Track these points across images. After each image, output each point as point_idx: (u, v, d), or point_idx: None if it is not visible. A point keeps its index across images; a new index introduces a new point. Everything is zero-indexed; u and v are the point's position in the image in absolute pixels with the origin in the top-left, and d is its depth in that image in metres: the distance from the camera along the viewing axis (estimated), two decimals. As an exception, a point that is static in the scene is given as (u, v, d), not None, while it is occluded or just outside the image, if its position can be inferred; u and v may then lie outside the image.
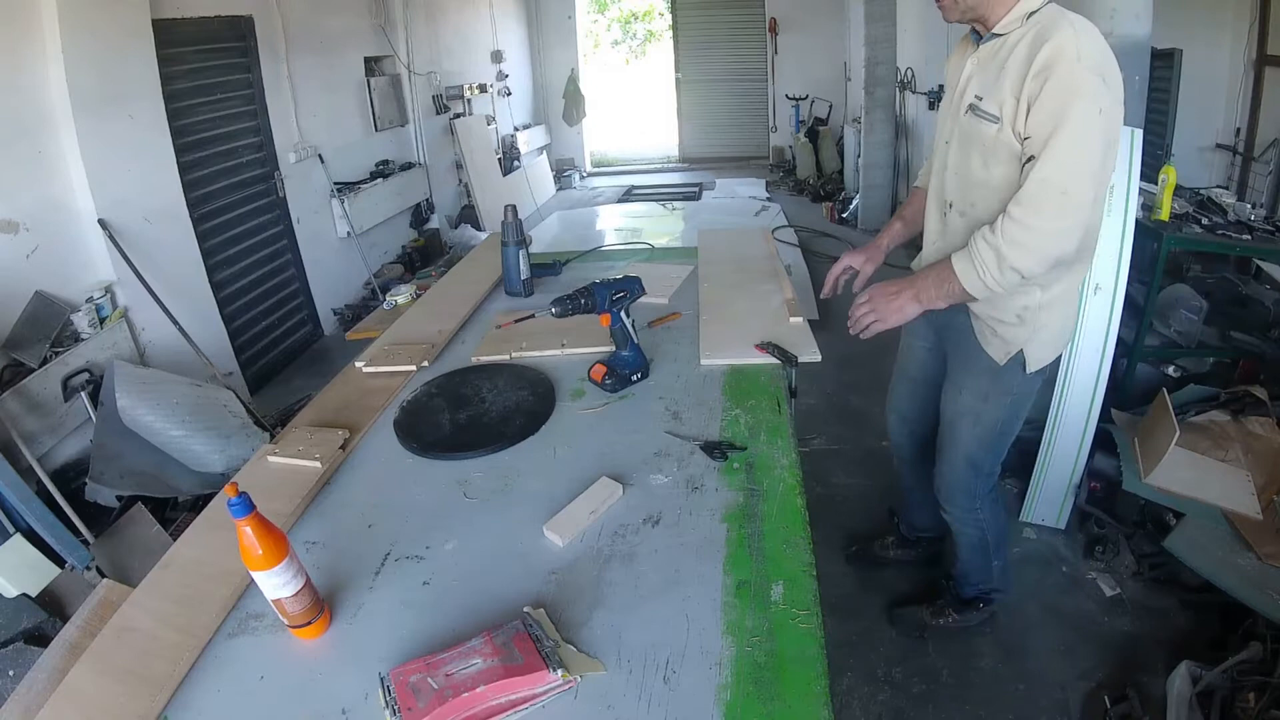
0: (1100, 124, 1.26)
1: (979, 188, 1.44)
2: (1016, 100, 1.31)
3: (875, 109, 5.62)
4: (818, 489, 2.62)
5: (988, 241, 1.32)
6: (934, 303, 1.44)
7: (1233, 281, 2.83)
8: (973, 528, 1.83)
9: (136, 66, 2.96)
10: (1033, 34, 1.30)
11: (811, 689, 0.82)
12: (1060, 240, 1.30)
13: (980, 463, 1.73)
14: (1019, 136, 1.33)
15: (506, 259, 2.05)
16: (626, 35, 14.43)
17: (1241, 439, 2.27)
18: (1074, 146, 1.26)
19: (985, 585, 1.95)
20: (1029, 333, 1.51)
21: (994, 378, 1.59)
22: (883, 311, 1.47)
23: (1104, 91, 1.26)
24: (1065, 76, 1.25)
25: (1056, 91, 1.25)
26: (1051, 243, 1.30)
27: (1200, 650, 1.80)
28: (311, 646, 0.94)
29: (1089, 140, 1.26)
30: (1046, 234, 1.28)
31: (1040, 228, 1.28)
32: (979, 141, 1.41)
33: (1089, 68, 1.25)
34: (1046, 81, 1.26)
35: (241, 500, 0.86)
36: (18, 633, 1.81)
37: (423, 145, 5.59)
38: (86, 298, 2.70)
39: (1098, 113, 1.25)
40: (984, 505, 1.80)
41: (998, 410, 1.63)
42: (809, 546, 1.03)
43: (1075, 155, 1.26)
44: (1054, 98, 1.26)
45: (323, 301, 4.42)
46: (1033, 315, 1.50)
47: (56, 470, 2.37)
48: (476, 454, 1.31)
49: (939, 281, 1.42)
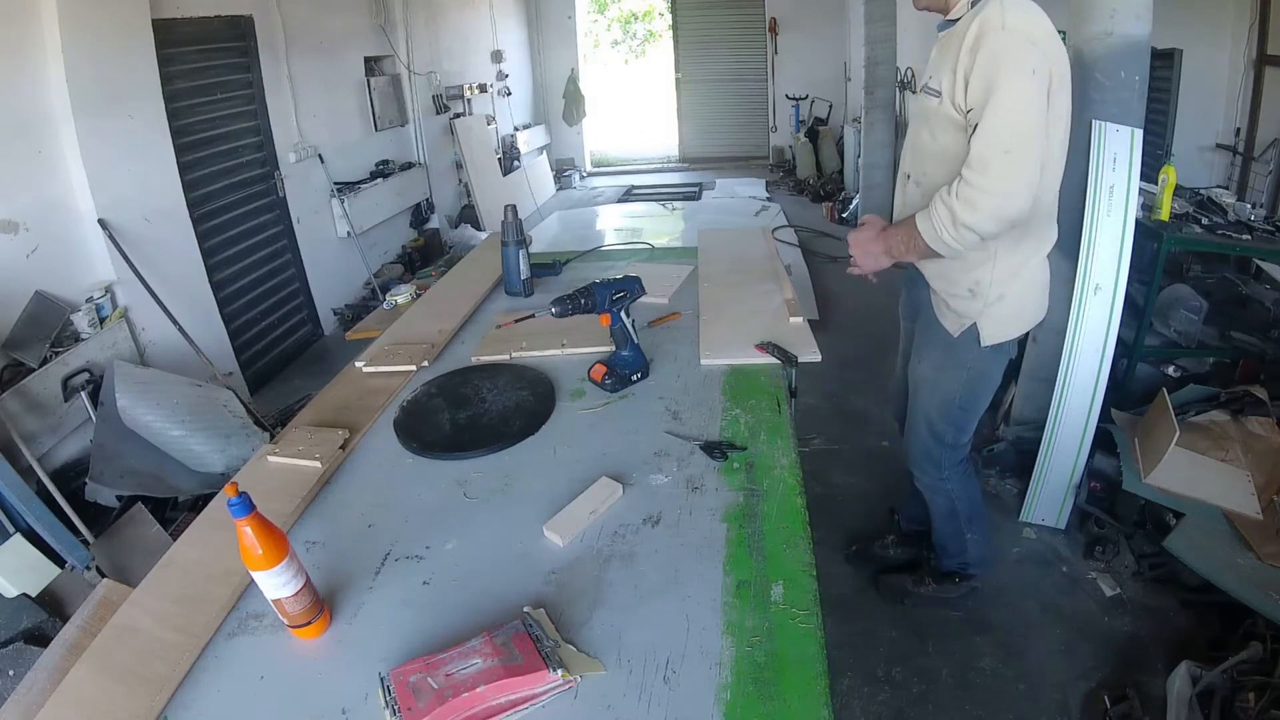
0: (1034, 83, 1.34)
1: (930, 158, 1.55)
2: (954, 74, 1.41)
3: (875, 109, 5.62)
4: (818, 489, 2.61)
5: (944, 201, 1.42)
6: (904, 256, 1.57)
7: (1233, 281, 2.83)
8: (941, 496, 1.90)
9: (136, 66, 2.96)
10: (973, 16, 1.40)
11: (811, 689, 0.82)
12: (1010, 200, 1.37)
13: (941, 433, 1.80)
14: (959, 109, 1.42)
15: (506, 259, 2.05)
16: (626, 35, 14.43)
17: (1241, 439, 2.27)
18: (1010, 108, 1.34)
19: (960, 558, 2.02)
20: (981, 306, 1.59)
21: (948, 350, 1.68)
22: (861, 259, 1.64)
23: (1034, 53, 1.34)
24: (993, 45, 1.34)
25: (987, 60, 1.34)
26: (1001, 201, 1.37)
27: (1200, 650, 1.80)
28: (311, 646, 0.94)
29: (1024, 99, 1.34)
30: (995, 193, 1.36)
31: (988, 187, 1.36)
32: (927, 116, 1.53)
33: (1017, 34, 1.33)
34: (979, 53, 1.35)
35: (241, 500, 0.85)
36: (18, 633, 1.82)
37: (423, 145, 5.59)
38: (86, 298, 2.71)
39: (1030, 73, 1.33)
40: (952, 477, 1.87)
41: (954, 383, 1.71)
42: (809, 546, 1.03)
43: (1013, 116, 1.34)
44: (985, 65, 1.35)
45: (323, 301, 4.42)
46: (984, 289, 1.57)
47: (56, 470, 2.37)
48: (476, 454, 1.31)
49: (906, 237, 1.53)
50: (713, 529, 1.08)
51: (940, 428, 1.79)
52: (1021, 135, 1.34)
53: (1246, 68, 3.64)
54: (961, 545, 1.99)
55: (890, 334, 2.13)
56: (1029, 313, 1.67)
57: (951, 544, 2.00)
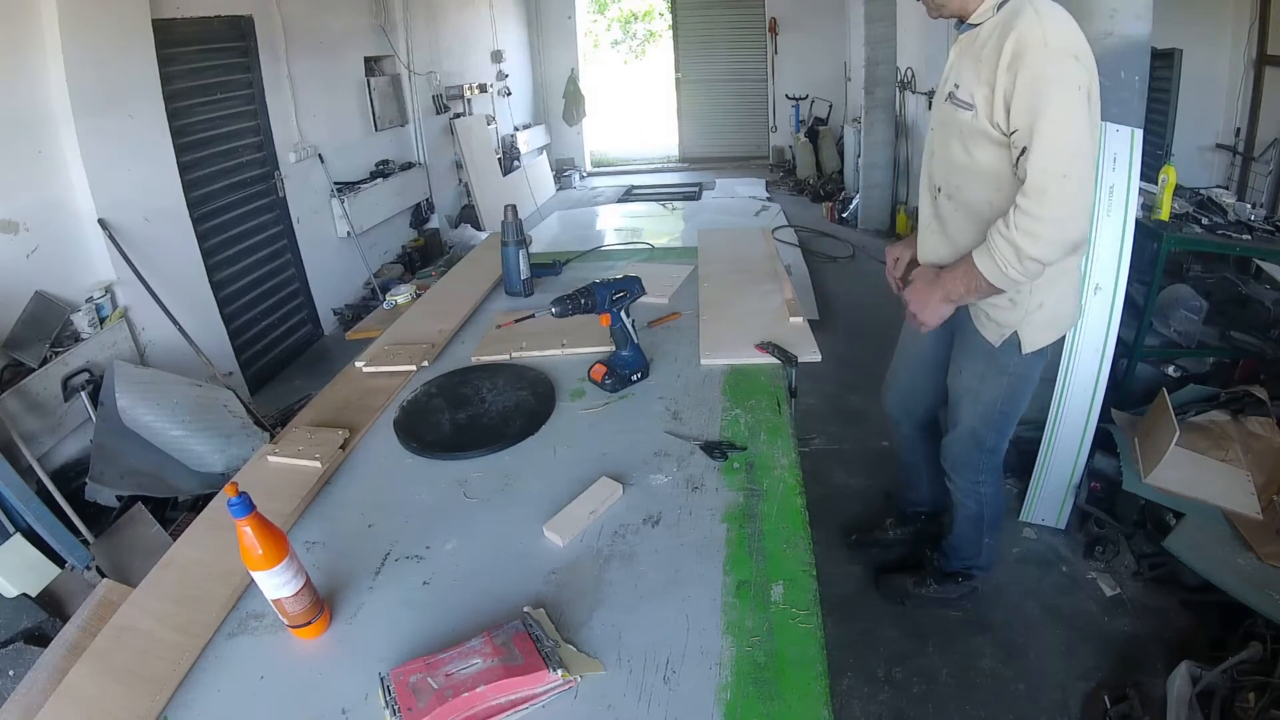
0: (1081, 101, 1.29)
1: (963, 172, 1.49)
2: (990, 90, 1.35)
3: (875, 109, 5.62)
4: (818, 489, 2.61)
5: (1004, 236, 1.35)
6: (965, 298, 1.52)
7: (1233, 281, 2.83)
8: (973, 500, 1.89)
9: (136, 66, 2.96)
10: (1002, 24, 1.34)
11: (811, 689, 0.82)
12: (1072, 225, 1.33)
13: (983, 438, 1.78)
14: (998, 127, 1.37)
15: (506, 259, 2.05)
16: (626, 35, 14.42)
17: (1241, 439, 2.27)
18: (1062, 130, 1.28)
19: (971, 560, 2.02)
20: (1021, 315, 1.56)
21: (990, 359, 1.65)
22: (923, 314, 1.58)
23: (1078, 70, 1.29)
24: (1036, 64, 1.27)
25: (1031, 80, 1.28)
26: (1064, 228, 1.32)
27: (1200, 650, 1.80)
28: (311, 646, 0.94)
29: (1074, 120, 1.29)
30: (1057, 220, 1.31)
31: (1050, 216, 1.30)
32: (957, 127, 1.46)
33: (1058, 50, 1.28)
34: (1019, 72, 1.29)
35: (241, 500, 0.85)
36: (18, 633, 1.82)
37: (423, 145, 5.59)
38: (86, 298, 2.70)
39: (1076, 90, 1.28)
40: (988, 481, 1.86)
41: (996, 390, 1.69)
42: (809, 546, 1.03)
43: (1065, 138, 1.29)
44: (1029, 86, 1.28)
45: (323, 301, 4.42)
46: (1025, 298, 1.54)
47: (56, 470, 2.37)
48: (476, 454, 1.31)
49: (965, 279, 1.47)
50: (713, 529, 1.08)
51: (983, 433, 1.77)
52: (1077, 158, 1.30)
53: (1246, 68, 3.65)
54: (977, 549, 1.99)
55: (890, 334, 2.14)
56: (1067, 316, 1.66)
57: (966, 547, 1.99)
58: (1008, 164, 1.40)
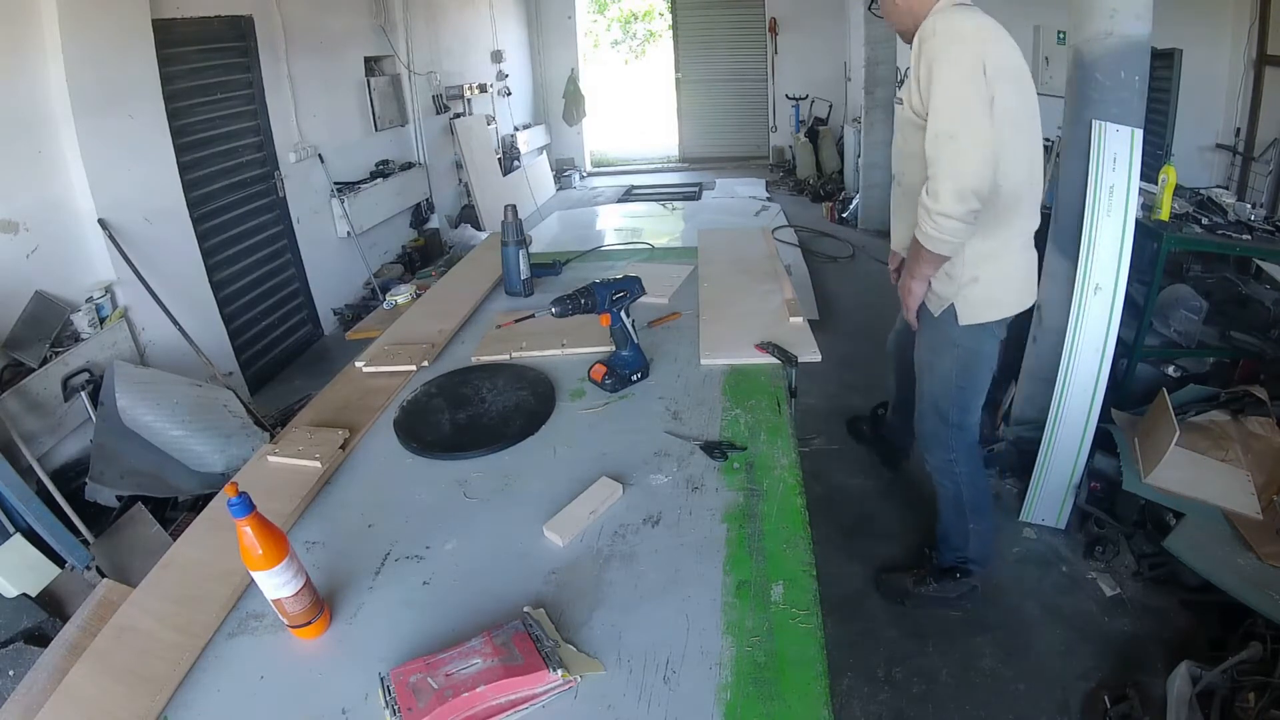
0: (960, 72, 1.50)
1: (905, 159, 1.77)
2: (914, 83, 1.61)
3: (875, 109, 5.62)
4: (818, 489, 2.61)
5: (920, 202, 1.59)
6: (922, 273, 1.73)
7: (1233, 281, 2.83)
8: (949, 481, 1.97)
9: (136, 66, 2.96)
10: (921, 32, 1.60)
11: (811, 689, 0.82)
12: (962, 177, 1.51)
13: (945, 412, 1.90)
14: (919, 114, 1.61)
15: (506, 259, 2.05)
16: (626, 35, 14.41)
17: (1241, 439, 2.27)
18: (946, 99, 1.51)
19: (961, 551, 2.05)
20: (956, 288, 1.74)
21: (936, 329, 1.83)
22: (903, 298, 1.83)
23: (957, 47, 1.51)
24: (929, 52, 1.54)
25: (926, 66, 1.54)
26: (955, 181, 1.51)
27: (1200, 650, 1.80)
28: (311, 646, 0.94)
29: (956, 89, 1.50)
30: (949, 175, 1.51)
31: (942, 172, 1.52)
32: (900, 122, 1.75)
33: (945, 36, 1.52)
34: (919, 60, 1.56)
35: (241, 500, 0.86)
36: (18, 633, 1.82)
37: (423, 145, 5.59)
38: (86, 298, 2.70)
39: (955, 64, 1.50)
40: (960, 460, 1.95)
41: (948, 361, 1.84)
42: (809, 546, 1.03)
43: (948, 105, 1.51)
44: (925, 69, 1.55)
45: (323, 301, 4.42)
46: (958, 271, 1.72)
47: (56, 470, 2.37)
48: (476, 454, 1.31)
49: (915, 256, 1.71)
50: (713, 529, 1.08)
51: (944, 406, 1.89)
52: (958, 119, 1.50)
53: (1246, 68, 3.65)
54: (964, 537, 2.02)
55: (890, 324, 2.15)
56: (1008, 300, 1.78)
57: (954, 534, 2.03)
58: None
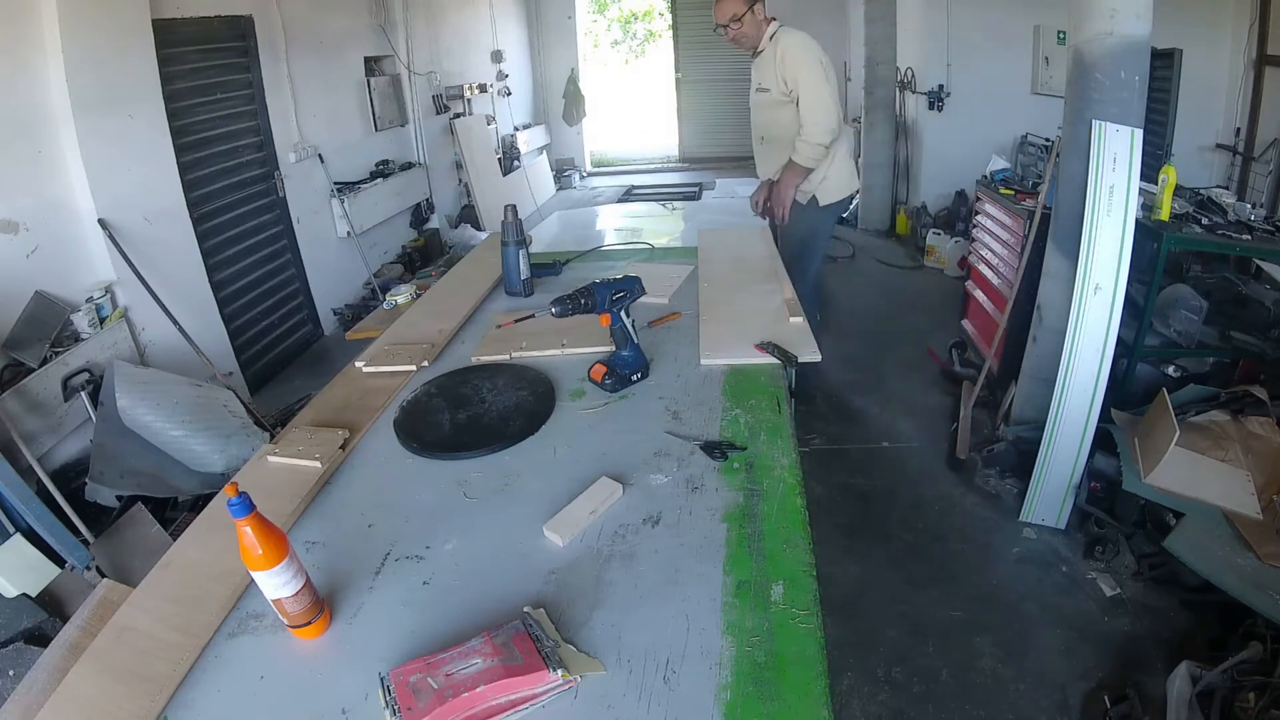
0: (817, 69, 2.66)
1: (772, 125, 2.88)
2: (777, 78, 2.72)
3: (875, 109, 5.61)
4: (818, 489, 2.62)
5: (800, 139, 2.72)
6: (794, 184, 2.81)
7: (1233, 281, 2.82)
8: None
9: (136, 66, 2.96)
10: (773, 46, 2.73)
11: (811, 689, 0.82)
12: (826, 122, 2.67)
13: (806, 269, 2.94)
14: (785, 96, 2.73)
15: (506, 259, 2.05)
16: (626, 35, 14.40)
17: (1241, 439, 2.27)
18: (808, 83, 2.67)
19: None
20: (815, 184, 2.86)
21: (802, 211, 2.91)
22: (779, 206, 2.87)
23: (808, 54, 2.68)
24: (792, 58, 2.68)
25: (792, 67, 2.67)
26: (821, 125, 2.67)
27: (1200, 650, 1.81)
28: (311, 646, 0.94)
29: (814, 78, 2.66)
30: (818, 122, 2.67)
31: (813, 120, 2.68)
32: (765, 103, 2.86)
33: (797, 47, 2.68)
34: (786, 65, 2.69)
35: (241, 500, 0.85)
36: (18, 633, 1.82)
37: (423, 145, 5.59)
38: (86, 298, 2.71)
39: (815, 63, 2.66)
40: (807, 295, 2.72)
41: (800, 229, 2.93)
42: (809, 546, 1.03)
43: (811, 84, 2.67)
44: (793, 69, 2.67)
45: (323, 301, 4.42)
46: (816, 174, 2.83)
47: (56, 470, 2.37)
48: (476, 454, 1.31)
49: (790, 172, 2.80)
50: (713, 529, 1.08)
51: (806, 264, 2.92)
52: (818, 90, 2.66)
53: (1246, 68, 3.65)
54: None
55: (890, 334, 2.14)
56: (845, 184, 2.94)
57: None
58: (793, 115, 2.73)
